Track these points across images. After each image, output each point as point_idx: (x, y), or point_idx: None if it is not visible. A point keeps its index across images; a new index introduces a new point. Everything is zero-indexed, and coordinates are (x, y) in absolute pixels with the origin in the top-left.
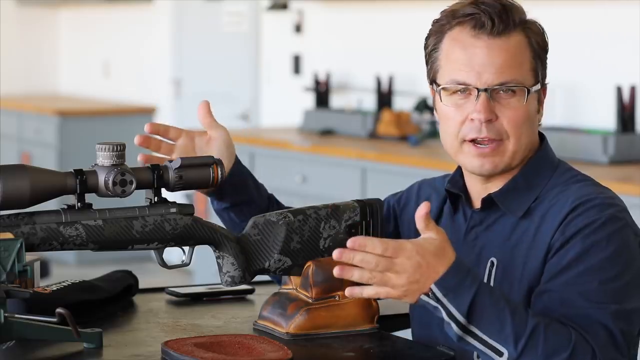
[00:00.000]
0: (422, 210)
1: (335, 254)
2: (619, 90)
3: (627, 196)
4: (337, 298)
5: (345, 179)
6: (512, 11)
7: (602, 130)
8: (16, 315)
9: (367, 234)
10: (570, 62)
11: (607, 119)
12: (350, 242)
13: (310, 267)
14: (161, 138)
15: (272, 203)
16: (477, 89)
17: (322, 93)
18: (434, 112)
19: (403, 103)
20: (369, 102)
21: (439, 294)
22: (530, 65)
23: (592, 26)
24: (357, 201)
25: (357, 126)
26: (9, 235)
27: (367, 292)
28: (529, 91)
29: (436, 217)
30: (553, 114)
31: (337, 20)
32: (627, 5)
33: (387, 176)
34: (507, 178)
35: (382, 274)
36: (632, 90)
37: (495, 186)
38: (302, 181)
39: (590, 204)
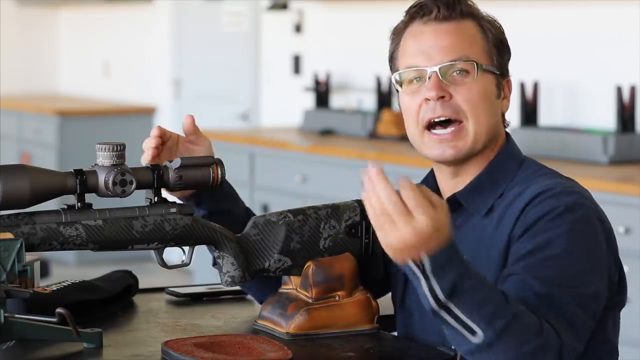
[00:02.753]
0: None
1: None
2: (619, 90)
3: (627, 196)
4: (337, 298)
5: (345, 179)
6: (460, 2)
7: (602, 130)
8: (16, 315)
9: (367, 234)
10: (570, 62)
11: (607, 119)
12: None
13: (310, 267)
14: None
15: (249, 216)
16: (428, 69)
17: (322, 93)
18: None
19: None
20: (369, 102)
21: (428, 267)
22: (484, 47)
23: (592, 26)
24: (357, 201)
25: (357, 126)
26: (9, 235)
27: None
28: (480, 66)
29: None
30: (553, 114)
31: (337, 20)
32: (627, 5)
33: (387, 176)
34: (473, 175)
35: (399, 216)
36: (632, 90)
37: (463, 183)
38: (302, 181)
39: (549, 193)
